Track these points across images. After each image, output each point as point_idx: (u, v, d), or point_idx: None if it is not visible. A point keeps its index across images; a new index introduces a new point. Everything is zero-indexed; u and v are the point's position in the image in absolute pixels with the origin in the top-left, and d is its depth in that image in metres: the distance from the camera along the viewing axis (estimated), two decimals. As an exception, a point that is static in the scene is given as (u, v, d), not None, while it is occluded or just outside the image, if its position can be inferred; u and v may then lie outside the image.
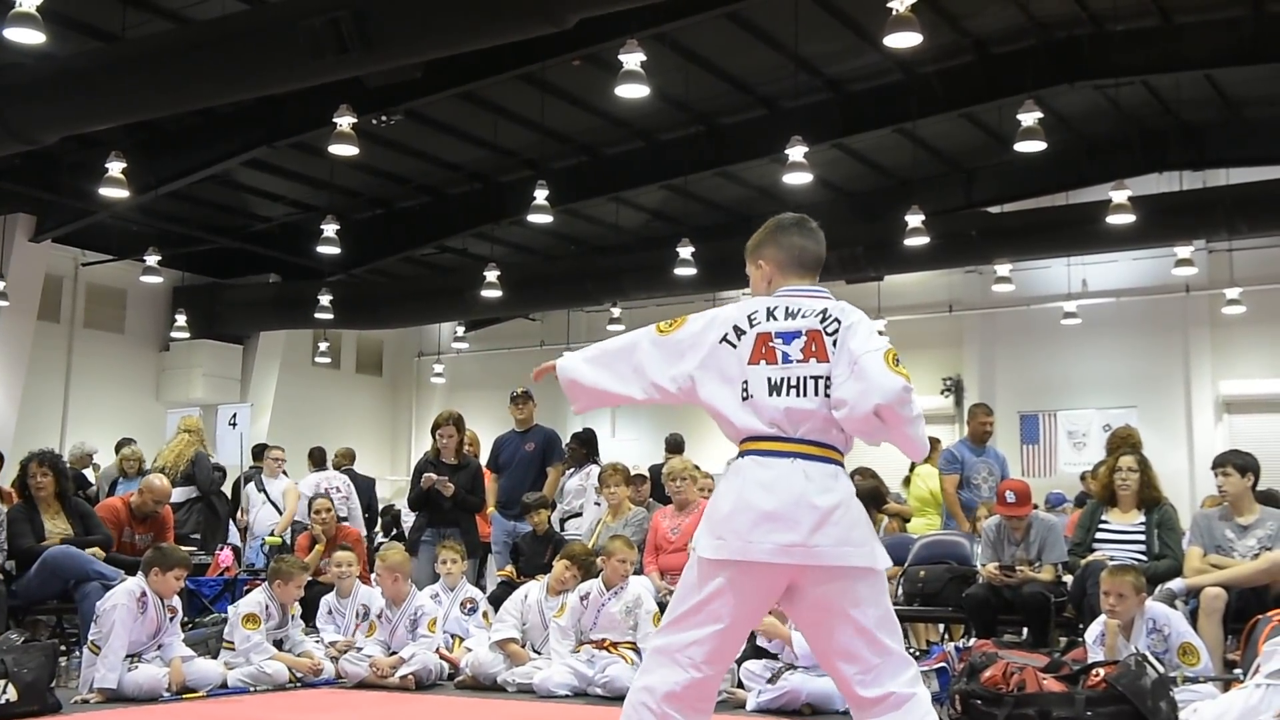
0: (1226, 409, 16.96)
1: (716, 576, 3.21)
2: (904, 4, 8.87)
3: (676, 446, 10.77)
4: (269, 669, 6.86)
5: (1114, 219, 13.00)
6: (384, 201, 17.53)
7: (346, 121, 11.33)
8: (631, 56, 10.07)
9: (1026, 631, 7.36)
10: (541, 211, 13.98)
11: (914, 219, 13.52)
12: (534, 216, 14.29)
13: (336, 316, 17.07)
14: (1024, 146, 11.33)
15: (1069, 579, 6.99)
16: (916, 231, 13.52)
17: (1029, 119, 11.12)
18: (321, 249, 15.02)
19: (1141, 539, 6.79)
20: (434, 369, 22.28)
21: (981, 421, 9.25)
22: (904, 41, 9.19)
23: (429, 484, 8.36)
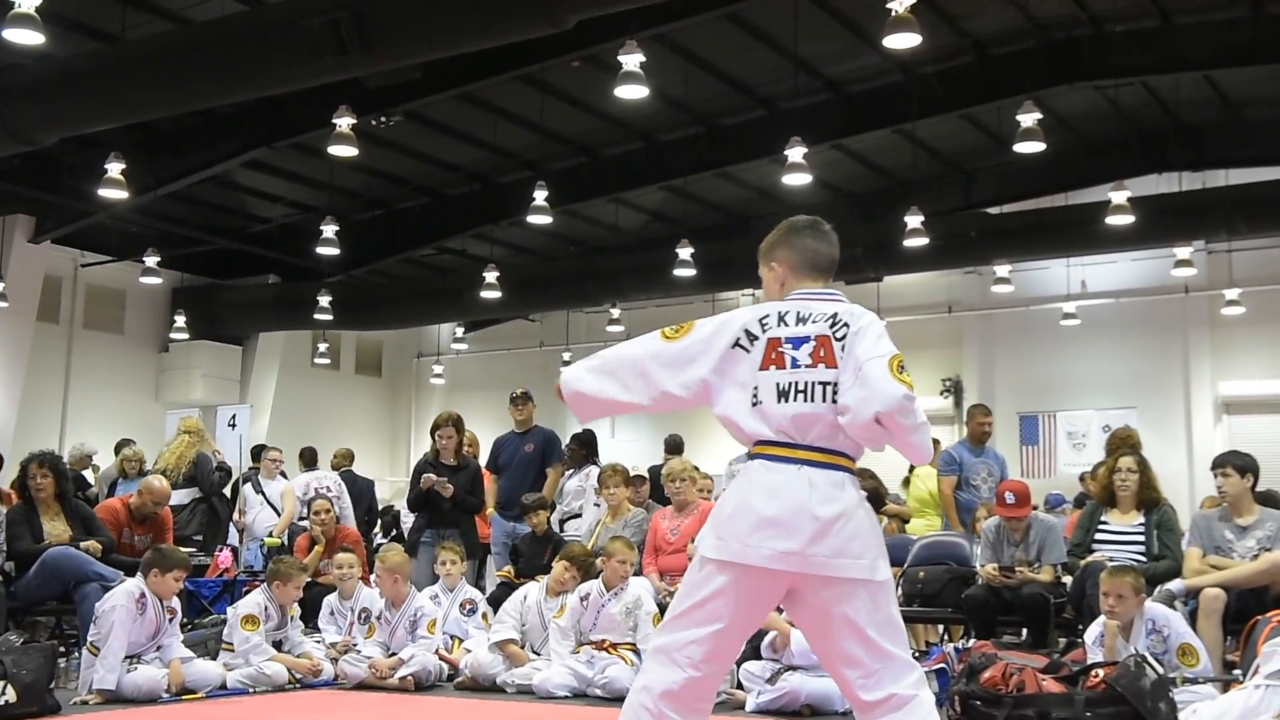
0: (1226, 410, 16.96)
1: (717, 577, 3.20)
2: (903, 5, 8.86)
3: (676, 448, 10.77)
4: (268, 670, 6.87)
5: (1113, 220, 13.00)
6: (383, 202, 17.53)
7: (346, 122, 11.33)
8: (631, 57, 10.07)
9: (1026, 632, 7.36)
10: (541, 212, 13.97)
11: (913, 220, 13.51)
12: (533, 217, 14.29)
13: (336, 317, 17.07)
14: (1023, 147, 11.32)
15: (1068, 580, 6.99)
16: (916, 232, 13.51)
17: (1028, 120, 11.11)
18: (321, 250, 15.02)
19: (1141, 540, 6.80)
20: (433, 370, 22.27)
21: (980, 422, 9.26)
22: (903, 42, 9.18)
23: (428, 485, 8.37)
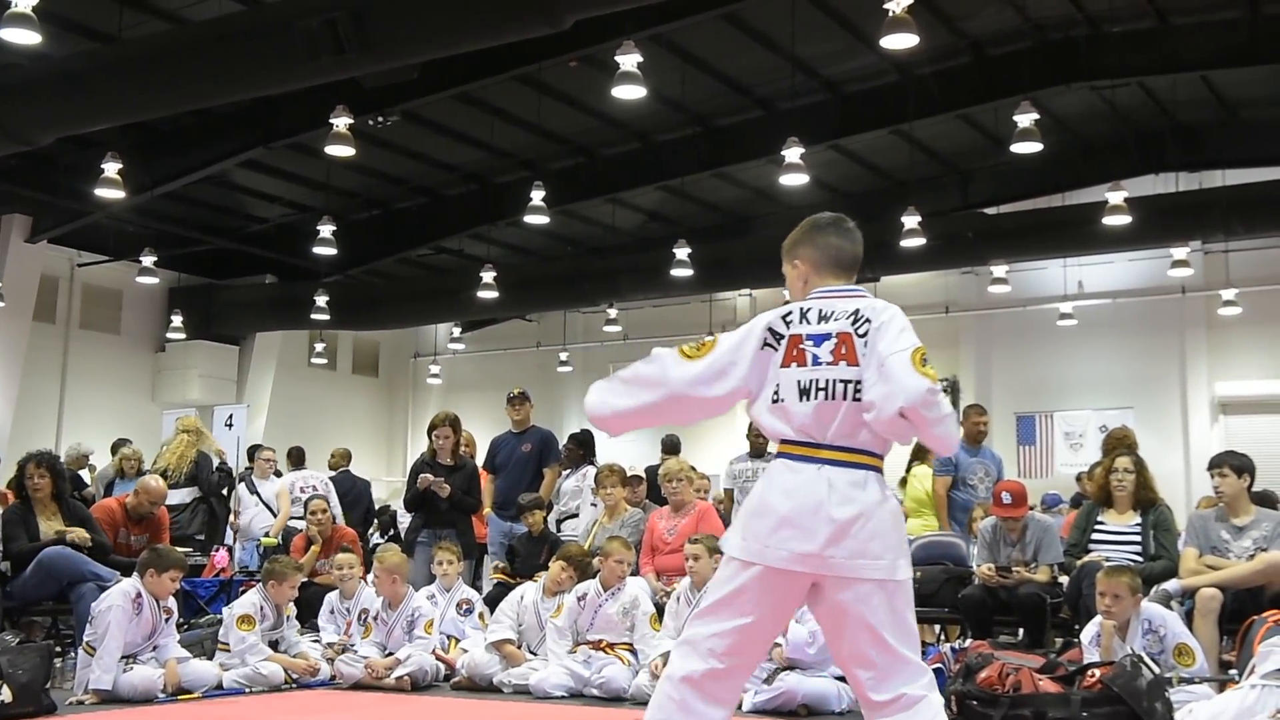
0: (1222, 410, 16.97)
1: (741, 574, 3.22)
2: (900, 5, 8.86)
3: (673, 448, 10.77)
4: (264, 670, 6.86)
5: (1110, 220, 12.99)
6: (380, 202, 17.52)
7: (343, 122, 11.31)
8: (628, 57, 10.06)
9: (1022, 632, 7.37)
10: (538, 212, 13.96)
11: (910, 220, 13.50)
12: (530, 217, 14.27)
13: (333, 317, 17.06)
14: (1020, 148, 11.31)
15: (1065, 580, 7.00)
16: (913, 233, 13.51)
17: (1025, 120, 11.11)
18: (318, 250, 15.01)
19: (1137, 540, 6.80)
20: (430, 370, 22.26)
21: (974, 422, 9.24)
22: (900, 43, 9.18)
23: (425, 485, 8.37)
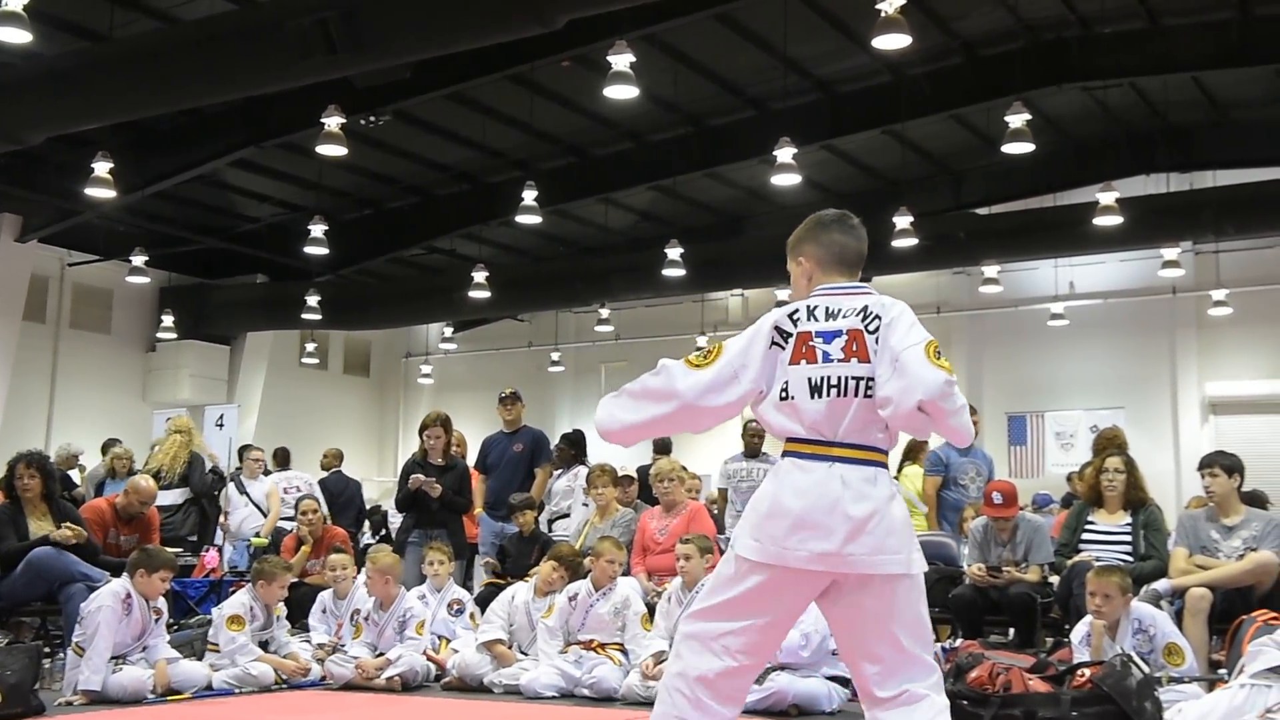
0: (1213, 410, 17.00)
1: (754, 575, 3.21)
2: (893, 6, 8.86)
3: (664, 448, 10.77)
4: (254, 670, 6.85)
5: (1101, 220, 13.01)
6: (372, 202, 17.49)
7: (335, 122, 11.29)
8: (620, 57, 10.06)
9: (1013, 632, 7.38)
10: (530, 212, 13.95)
11: (902, 220, 13.50)
12: (522, 217, 14.26)
13: (324, 317, 17.02)
14: (1012, 148, 11.32)
15: (1055, 580, 7.02)
16: (905, 233, 13.50)
17: (1017, 121, 11.11)
18: (309, 249, 14.97)
19: (1127, 540, 6.82)
20: (422, 370, 22.22)
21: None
22: (893, 43, 9.19)
23: (416, 485, 8.36)
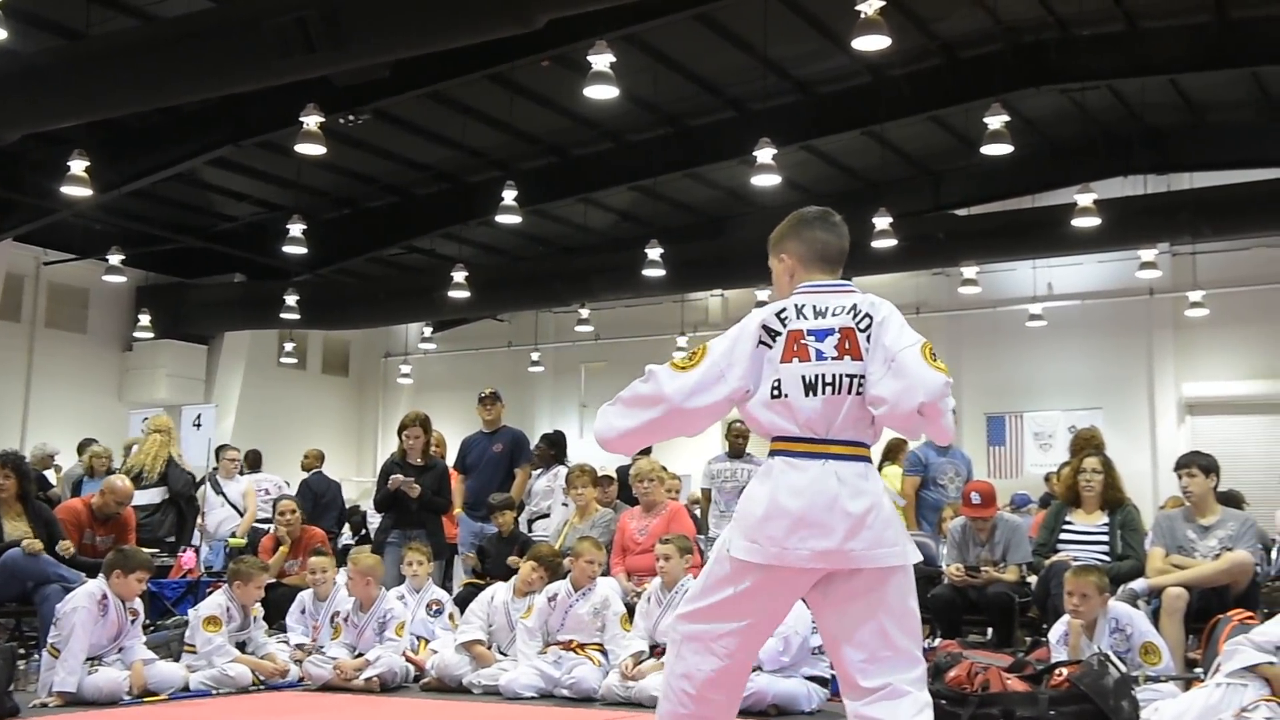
0: (1189, 411, 17.10)
1: (749, 576, 3.23)
2: (872, 7, 8.89)
3: (644, 448, 10.75)
4: (231, 671, 6.81)
5: (1079, 222, 13.08)
6: (351, 201, 17.43)
7: (313, 120, 11.25)
8: (600, 57, 10.05)
9: (991, 632, 7.41)
10: (510, 212, 13.92)
11: (882, 221, 13.54)
12: (502, 217, 14.23)
13: (303, 317, 16.95)
14: (991, 149, 11.37)
15: (1033, 579, 7.04)
16: (884, 234, 13.54)
17: (996, 122, 11.16)
18: (288, 249, 14.91)
19: (1105, 540, 6.85)
20: (401, 370, 22.15)
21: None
22: (872, 44, 9.22)
23: (395, 485, 8.33)
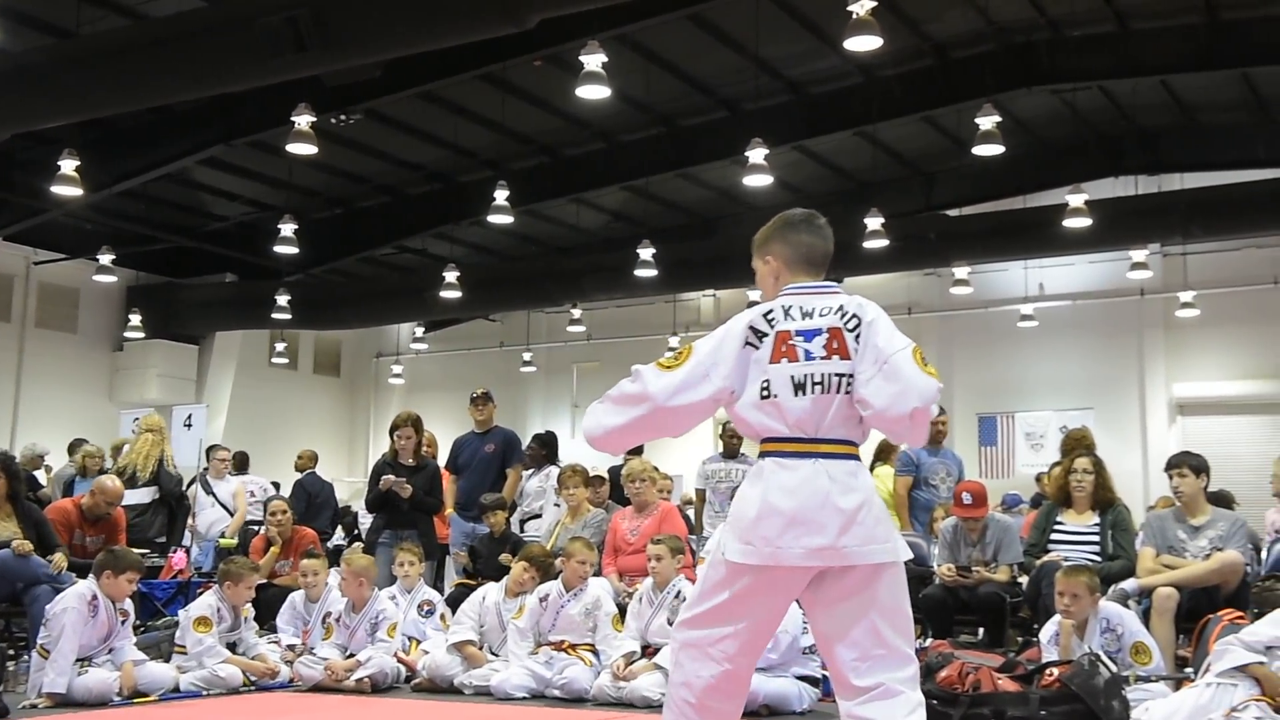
0: (1180, 411, 17.14)
1: (744, 578, 3.24)
2: (864, 8, 8.89)
3: (635, 448, 10.75)
4: (222, 672, 6.80)
5: (1071, 222, 13.09)
6: (343, 201, 17.40)
7: (305, 120, 11.22)
8: (593, 57, 10.04)
9: (982, 632, 7.42)
10: (502, 212, 13.89)
11: (873, 221, 13.55)
12: (494, 217, 14.20)
13: (294, 317, 16.91)
14: (982, 150, 11.37)
15: (1024, 579, 7.05)
16: (876, 234, 13.55)
17: (987, 123, 11.17)
18: (279, 248, 14.86)
19: (1096, 540, 6.86)
20: (392, 370, 22.13)
21: (934, 422, 9.25)
22: (864, 45, 9.22)
23: (387, 486, 8.32)
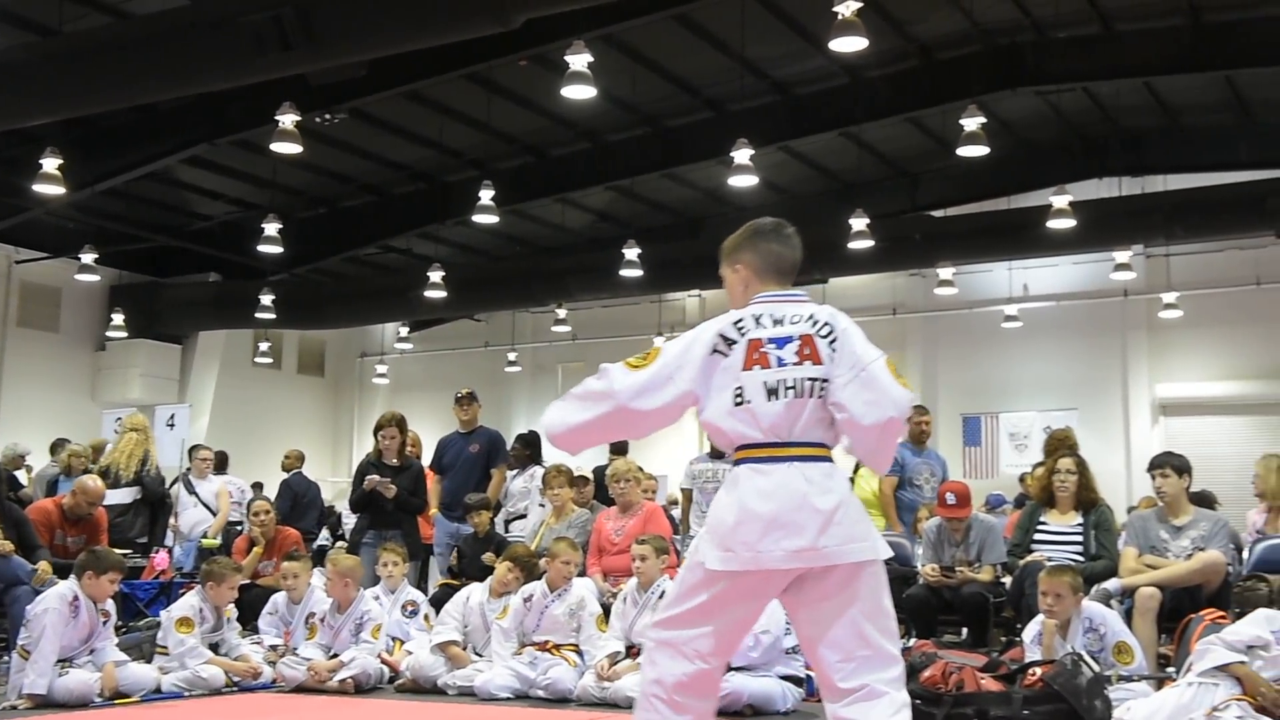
0: (1163, 411, 17.22)
1: (723, 582, 3.26)
2: (849, 9, 8.91)
3: (620, 448, 10.75)
4: (204, 673, 6.77)
5: (1055, 224, 13.13)
6: (327, 200, 17.35)
7: (289, 119, 11.17)
8: (578, 57, 10.02)
9: (965, 631, 7.44)
10: (487, 212, 13.87)
11: (858, 222, 13.58)
12: (479, 217, 14.17)
13: (278, 316, 16.86)
14: (967, 151, 11.40)
15: (1008, 579, 7.07)
16: (861, 235, 13.59)
17: (972, 124, 11.20)
18: (263, 248, 14.80)
19: (1079, 540, 6.88)
20: (377, 370, 22.08)
21: (917, 422, 9.27)
22: (849, 46, 9.24)
23: (371, 486, 8.30)
